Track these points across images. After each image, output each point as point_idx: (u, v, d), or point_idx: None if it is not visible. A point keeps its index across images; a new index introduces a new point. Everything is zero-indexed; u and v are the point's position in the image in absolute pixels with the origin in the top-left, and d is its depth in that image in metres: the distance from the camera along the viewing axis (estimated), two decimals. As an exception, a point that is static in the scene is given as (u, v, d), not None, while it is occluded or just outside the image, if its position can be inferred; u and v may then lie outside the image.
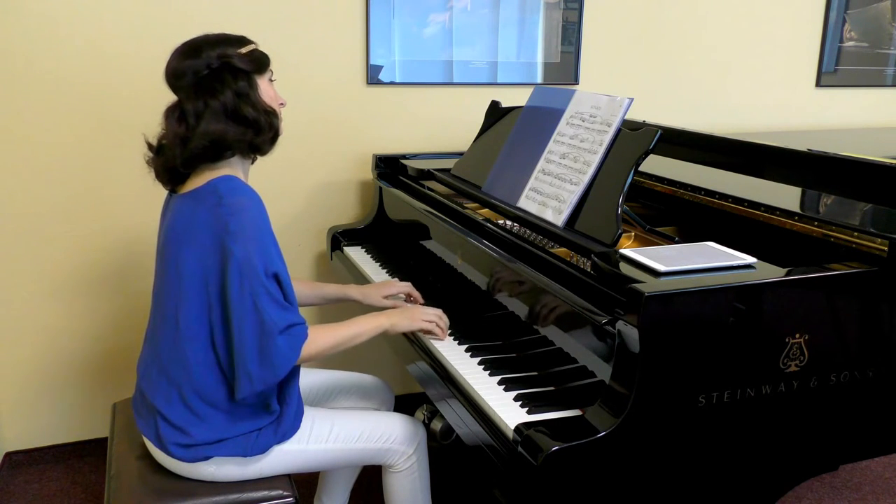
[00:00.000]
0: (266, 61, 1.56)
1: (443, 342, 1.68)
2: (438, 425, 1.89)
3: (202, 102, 1.46)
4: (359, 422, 1.68)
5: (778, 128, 3.20)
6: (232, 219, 1.41)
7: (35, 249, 2.35)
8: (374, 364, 2.79)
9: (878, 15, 3.27)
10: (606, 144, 1.63)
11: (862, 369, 1.38)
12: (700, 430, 1.28)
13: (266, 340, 1.40)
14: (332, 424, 1.64)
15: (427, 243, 2.12)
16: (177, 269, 1.47)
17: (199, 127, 1.45)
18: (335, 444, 1.63)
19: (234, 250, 1.39)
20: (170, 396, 1.50)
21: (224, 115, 1.46)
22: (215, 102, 1.45)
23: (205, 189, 1.47)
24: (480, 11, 2.64)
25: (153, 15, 2.30)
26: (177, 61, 1.48)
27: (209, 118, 1.45)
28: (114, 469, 1.61)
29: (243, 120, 1.48)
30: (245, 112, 1.48)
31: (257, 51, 1.55)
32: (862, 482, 2.48)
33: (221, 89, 1.46)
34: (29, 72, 2.22)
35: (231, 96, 1.47)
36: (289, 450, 1.58)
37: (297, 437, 1.59)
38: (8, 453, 2.49)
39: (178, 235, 1.48)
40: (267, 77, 1.56)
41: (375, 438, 1.67)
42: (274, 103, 1.56)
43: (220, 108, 1.46)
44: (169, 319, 1.49)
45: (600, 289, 1.35)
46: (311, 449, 1.61)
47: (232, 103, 1.47)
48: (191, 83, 1.46)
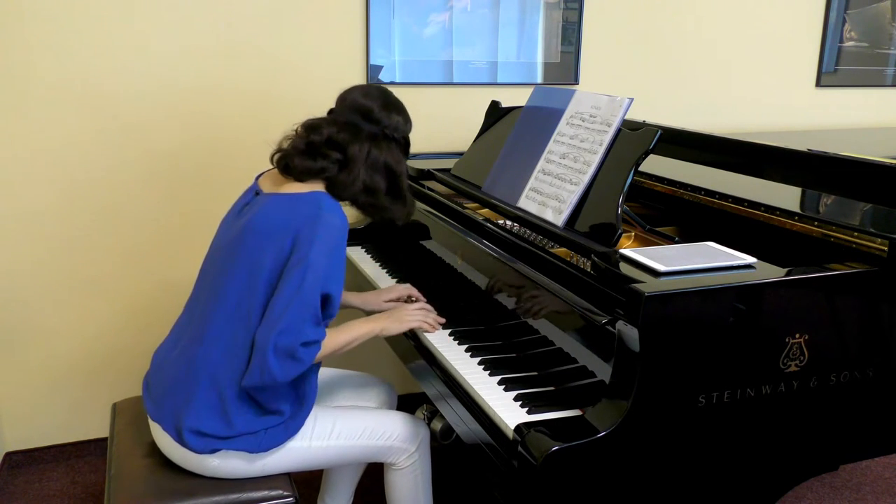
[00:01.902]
0: (407, 152, 1.70)
1: (443, 343, 1.68)
2: (438, 425, 1.88)
3: (369, 147, 1.60)
4: (361, 419, 1.69)
5: (778, 128, 3.20)
6: (322, 231, 1.48)
7: (35, 250, 2.35)
8: (374, 364, 2.78)
9: (878, 15, 3.27)
10: (606, 144, 1.63)
11: (862, 369, 1.38)
12: (700, 430, 1.28)
13: (293, 345, 1.44)
14: (334, 421, 1.65)
15: (427, 243, 2.12)
16: (252, 264, 1.50)
17: (362, 172, 1.58)
18: (338, 441, 1.64)
19: (309, 256, 1.45)
20: (203, 385, 1.52)
21: (383, 174, 1.61)
22: (378, 155, 1.60)
23: (307, 198, 1.53)
24: (480, 11, 2.64)
25: (154, 15, 2.30)
26: (368, 101, 1.65)
27: (371, 168, 1.59)
28: (114, 469, 1.61)
29: (397, 186, 1.63)
30: (402, 182, 1.63)
31: (407, 138, 1.69)
32: (862, 482, 2.48)
33: (390, 152, 1.62)
34: (30, 73, 2.22)
35: (396, 163, 1.63)
36: (292, 447, 1.59)
37: (300, 434, 1.59)
38: (8, 453, 2.49)
39: (264, 233, 1.51)
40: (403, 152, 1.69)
41: (378, 436, 1.68)
42: (402, 175, 1.66)
43: (382, 165, 1.60)
44: (230, 311, 1.52)
45: (600, 289, 1.35)
46: (315, 446, 1.62)
47: (396, 169, 1.62)
48: (365, 130, 1.60)
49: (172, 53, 2.34)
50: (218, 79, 2.40)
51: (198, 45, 2.36)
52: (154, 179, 2.40)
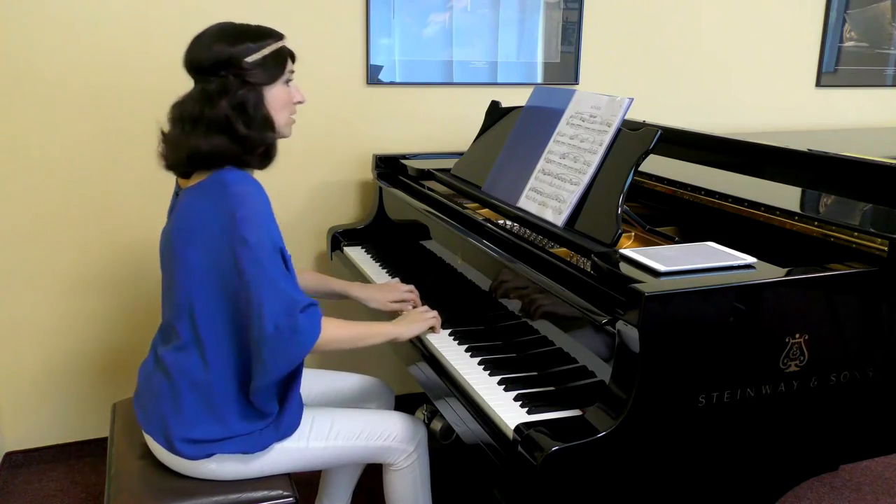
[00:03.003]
0: (279, 69, 1.52)
1: (444, 344, 1.68)
2: (438, 425, 1.88)
3: (199, 110, 1.45)
4: (359, 419, 1.68)
5: (778, 128, 3.20)
6: (239, 208, 1.41)
7: (36, 250, 2.35)
8: (374, 364, 2.79)
9: (878, 15, 3.27)
10: (606, 144, 1.63)
11: (862, 369, 1.38)
12: (700, 430, 1.28)
13: (293, 319, 1.40)
14: (332, 422, 1.64)
15: (427, 243, 2.12)
16: (187, 264, 1.47)
17: (190, 139, 1.44)
18: (335, 442, 1.63)
19: (246, 238, 1.39)
20: (181, 392, 1.50)
21: (216, 129, 1.44)
22: (211, 113, 1.44)
23: (210, 181, 1.47)
24: (480, 11, 2.64)
25: (155, 15, 2.30)
26: (194, 51, 1.51)
27: (201, 131, 1.44)
28: (114, 469, 1.61)
29: (233, 135, 1.45)
30: (237, 127, 1.45)
31: (273, 56, 1.51)
32: (862, 482, 2.48)
33: (219, 101, 1.44)
34: (31, 74, 2.22)
35: (228, 109, 1.44)
36: (289, 448, 1.58)
37: (298, 435, 1.59)
38: (8, 453, 2.49)
39: (186, 230, 1.48)
40: (282, 81, 1.53)
41: (376, 436, 1.67)
42: (284, 108, 1.54)
43: (214, 120, 1.44)
44: (182, 315, 1.49)
45: (600, 289, 1.35)
46: (312, 447, 1.61)
47: (225, 117, 1.44)
48: (197, 90, 1.47)
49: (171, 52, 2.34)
50: (218, 79, 2.40)
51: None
52: (154, 180, 2.40)
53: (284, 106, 1.54)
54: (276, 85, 1.51)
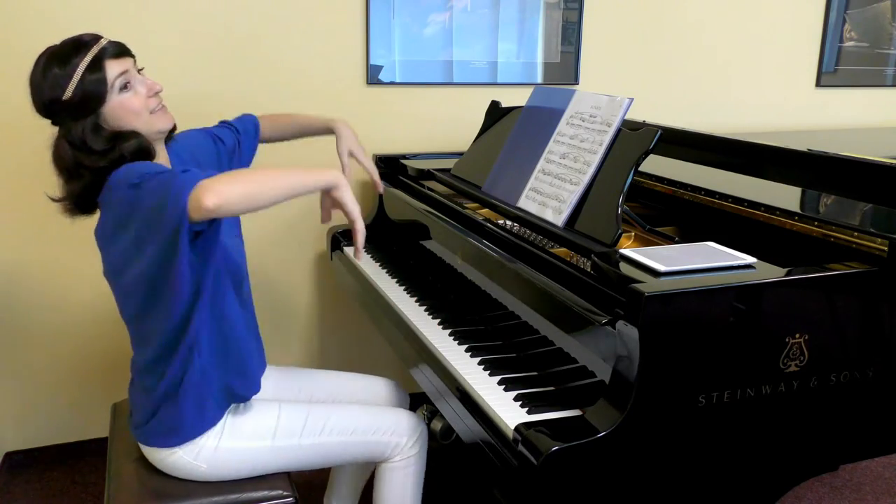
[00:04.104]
0: (101, 86, 1.38)
1: (444, 344, 1.67)
2: (438, 425, 1.89)
3: (55, 161, 1.43)
4: (357, 414, 1.65)
5: (778, 128, 3.20)
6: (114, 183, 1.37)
7: (35, 249, 2.34)
8: (375, 364, 2.79)
9: (878, 15, 3.27)
10: (606, 144, 1.63)
11: (862, 369, 1.38)
12: (700, 430, 1.28)
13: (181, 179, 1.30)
14: (327, 417, 1.61)
15: (427, 243, 2.12)
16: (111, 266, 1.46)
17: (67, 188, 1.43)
18: (330, 437, 1.59)
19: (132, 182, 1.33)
20: (135, 388, 1.55)
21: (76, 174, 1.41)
22: (62, 162, 1.41)
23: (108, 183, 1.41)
24: (480, 11, 2.64)
25: (155, 16, 2.30)
26: (32, 98, 1.44)
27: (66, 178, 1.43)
28: (114, 469, 1.61)
29: (92, 171, 1.41)
30: (90, 165, 1.40)
31: (87, 76, 1.38)
32: (862, 482, 2.48)
33: (62, 146, 1.41)
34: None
35: (71, 152, 1.40)
36: (282, 446, 1.56)
37: (290, 432, 1.57)
38: (8, 453, 2.49)
39: (101, 243, 1.48)
40: (115, 93, 1.41)
41: (373, 431, 1.63)
42: (138, 113, 1.43)
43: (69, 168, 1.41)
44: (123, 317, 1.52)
45: (600, 289, 1.35)
46: (306, 444, 1.58)
47: (74, 162, 1.40)
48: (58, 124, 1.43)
49: (171, 54, 2.34)
50: (217, 79, 2.40)
51: (197, 46, 2.36)
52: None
53: (135, 111, 1.43)
54: (111, 101, 1.41)
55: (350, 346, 2.78)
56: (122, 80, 1.42)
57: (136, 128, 1.44)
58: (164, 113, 1.49)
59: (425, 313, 1.85)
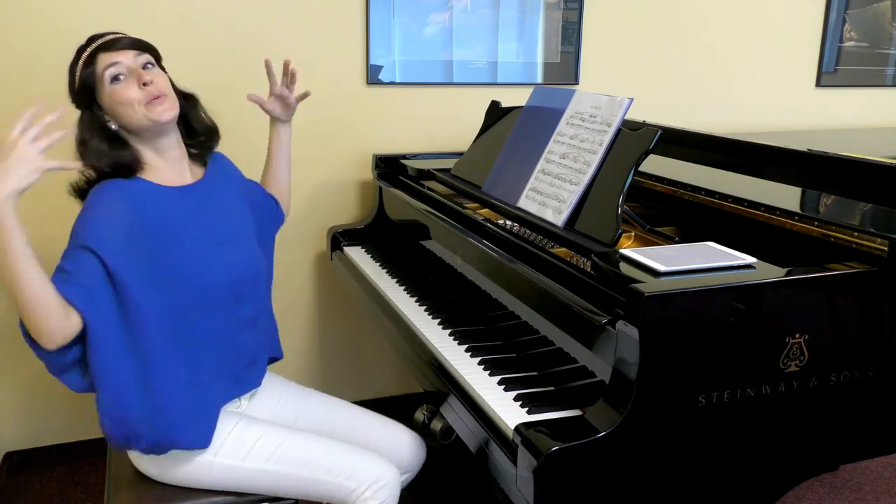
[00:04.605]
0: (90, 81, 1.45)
1: (444, 344, 1.67)
2: (438, 425, 1.88)
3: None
4: (318, 447, 1.50)
5: (778, 128, 3.20)
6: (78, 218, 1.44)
7: (35, 248, 2.34)
8: (375, 363, 2.79)
9: (878, 15, 3.27)
10: (606, 144, 1.63)
11: (862, 369, 1.38)
12: (700, 429, 1.28)
13: None
14: (280, 443, 1.48)
15: (427, 243, 2.12)
16: None
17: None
18: (275, 466, 1.46)
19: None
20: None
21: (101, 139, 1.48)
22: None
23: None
24: (480, 11, 2.64)
25: (154, 16, 2.30)
26: None
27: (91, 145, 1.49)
28: (114, 469, 1.61)
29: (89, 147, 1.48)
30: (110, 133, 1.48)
31: (83, 70, 1.45)
32: (862, 482, 2.48)
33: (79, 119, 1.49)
34: (30, 71, 2.22)
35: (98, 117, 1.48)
36: (223, 463, 1.47)
37: (234, 452, 1.47)
38: (8, 453, 2.49)
39: None
40: (107, 84, 1.45)
41: (327, 469, 1.47)
42: (125, 104, 1.44)
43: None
44: None
45: (600, 289, 1.35)
46: (248, 467, 1.47)
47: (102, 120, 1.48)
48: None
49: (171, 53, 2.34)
50: (216, 79, 2.40)
51: (197, 46, 2.36)
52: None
53: (126, 101, 1.44)
54: (103, 93, 1.46)
55: (350, 346, 2.78)
56: (113, 72, 1.44)
57: (134, 120, 1.45)
58: (160, 103, 1.46)
59: (425, 313, 1.85)
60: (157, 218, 1.45)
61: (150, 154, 1.51)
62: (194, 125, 1.61)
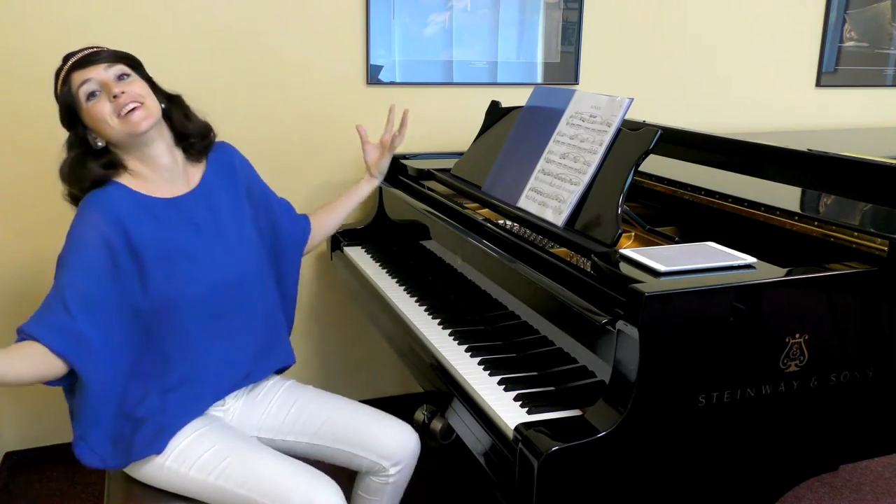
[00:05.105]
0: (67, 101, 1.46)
1: (444, 344, 1.67)
2: (438, 425, 1.88)
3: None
4: (264, 468, 1.44)
5: (778, 128, 3.21)
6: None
7: (35, 249, 2.34)
8: (375, 363, 2.79)
9: (878, 15, 3.27)
10: (606, 144, 1.63)
11: (862, 369, 1.38)
12: (700, 429, 1.28)
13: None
14: (226, 457, 1.46)
15: (427, 243, 2.12)
16: None
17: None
18: (217, 482, 1.44)
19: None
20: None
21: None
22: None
23: None
24: (480, 11, 2.64)
25: (153, 17, 2.30)
26: None
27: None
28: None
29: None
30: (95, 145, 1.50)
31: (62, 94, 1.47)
32: (862, 482, 2.48)
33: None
34: (30, 74, 2.22)
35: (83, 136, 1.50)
36: (169, 468, 1.47)
37: (182, 459, 1.47)
38: (8, 453, 2.49)
39: None
40: (83, 101, 1.45)
41: (259, 490, 1.42)
42: (101, 121, 1.44)
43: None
44: None
45: (600, 289, 1.35)
46: (192, 477, 1.46)
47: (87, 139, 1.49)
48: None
49: (171, 53, 2.34)
50: (216, 79, 2.40)
51: (197, 45, 2.36)
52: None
53: (100, 118, 1.44)
54: (82, 111, 1.46)
55: (350, 346, 2.78)
56: (87, 89, 1.44)
57: (113, 134, 1.46)
58: (134, 113, 1.44)
59: (425, 313, 1.85)
60: (134, 232, 1.46)
61: (138, 165, 1.51)
62: (181, 128, 1.57)
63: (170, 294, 1.47)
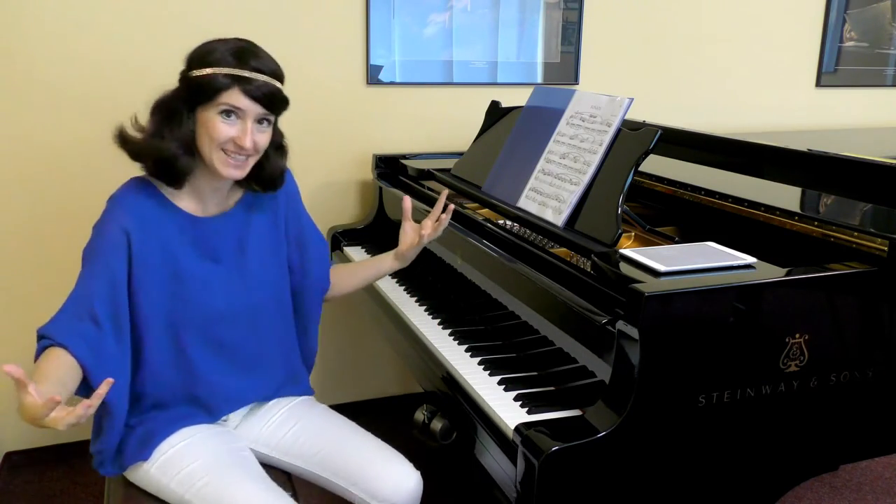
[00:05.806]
0: (205, 96, 1.38)
1: (444, 344, 1.67)
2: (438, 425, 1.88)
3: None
4: (241, 492, 1.40)
5: (778, 128, 3.21)
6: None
7: (34, 249, 2.34)
8: (375, 363, 2.79)
9: (878, 15, 3.27)
10: (606, 144, 1.63)
11: (862, 369, 1.38)
12: (700, 429, 1.28)
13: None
14: (204, 476, 1.43)
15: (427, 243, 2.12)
16: None
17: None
18: (192, 499, 1.42)
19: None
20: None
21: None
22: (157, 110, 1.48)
23: None
24: (480, 11, 2.64)
25: (153, 18, 2.30)
26: None
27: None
28: (114, 469, 1.61)
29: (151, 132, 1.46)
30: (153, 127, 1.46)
31: (207, 79, 1.38)
32: (862, 482, 2.48)
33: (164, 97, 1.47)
34: (29, 75, 2.22)
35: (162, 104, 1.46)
36: (153, 475, 1.46)
37: (165, 468, 1.45)
38: (8, 453, 2.49)
39: None
40: (213, 109, 1.39)
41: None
42: (210, 139, 1.40)
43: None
44: None
45: (600, 289, 1.35)
46: (171, 487, 1.44)
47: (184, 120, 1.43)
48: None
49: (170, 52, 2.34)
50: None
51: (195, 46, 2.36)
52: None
53: (210, 135, 1.40)
54: (206, 111, 1.40)
55: (350, 346, 2.78)
56: (229, 109, 1.39)
57: (202, 152, 1.42)
58: (232, 165, 1.42)
59: (425, 313, 1.85)
60: (152, 240, 1.44)
61: (191, 178, 1.47)
62: (263, 173, 1.52)
63: (170, 313, 1.46)
